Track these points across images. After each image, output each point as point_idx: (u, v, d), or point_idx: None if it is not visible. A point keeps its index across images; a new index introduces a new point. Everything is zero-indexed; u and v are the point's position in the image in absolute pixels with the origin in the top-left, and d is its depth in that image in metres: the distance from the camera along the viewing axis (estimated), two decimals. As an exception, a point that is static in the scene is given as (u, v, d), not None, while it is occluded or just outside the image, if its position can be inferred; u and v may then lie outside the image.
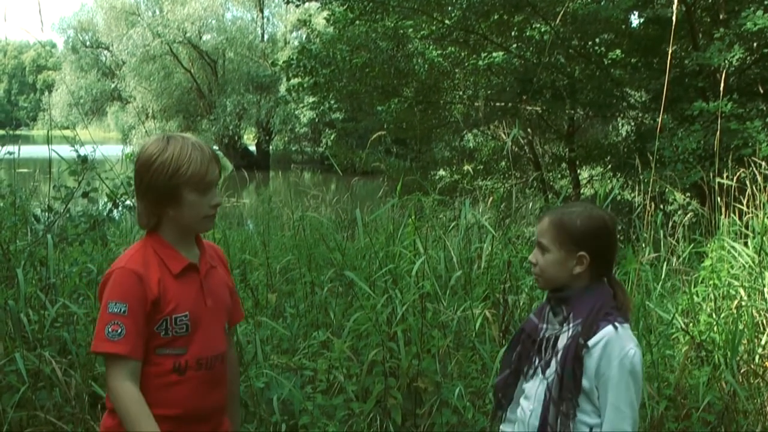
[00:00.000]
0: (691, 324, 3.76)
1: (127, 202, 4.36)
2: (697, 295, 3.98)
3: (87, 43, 39.40)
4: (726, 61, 7.45)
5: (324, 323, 3.82)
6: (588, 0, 9.08)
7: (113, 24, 36.56)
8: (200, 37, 35.39)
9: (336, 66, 10.60)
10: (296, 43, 31.98)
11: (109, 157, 4.84)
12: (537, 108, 10.54)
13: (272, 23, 39.71)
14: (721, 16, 8.67)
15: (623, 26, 9.90)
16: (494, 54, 9.75)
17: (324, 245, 4.42)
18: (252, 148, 38.07)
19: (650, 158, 5.83)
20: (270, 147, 38.37)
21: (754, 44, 7.82)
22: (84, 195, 4.33)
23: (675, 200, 7.99)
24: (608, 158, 10.83)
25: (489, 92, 10.66)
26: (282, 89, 27.13)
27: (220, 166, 1.97)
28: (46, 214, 4.31)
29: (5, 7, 5.23)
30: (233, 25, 36.78)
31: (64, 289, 3.50)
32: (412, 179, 6.70)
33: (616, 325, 1.87)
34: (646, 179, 5.75)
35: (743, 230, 4.35)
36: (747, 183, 4.51)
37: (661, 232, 4.69)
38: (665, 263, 4.48)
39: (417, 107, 10.79)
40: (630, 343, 1.87)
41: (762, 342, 3.61)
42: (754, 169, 4.50)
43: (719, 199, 4.66)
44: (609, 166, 10.84)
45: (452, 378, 3.25)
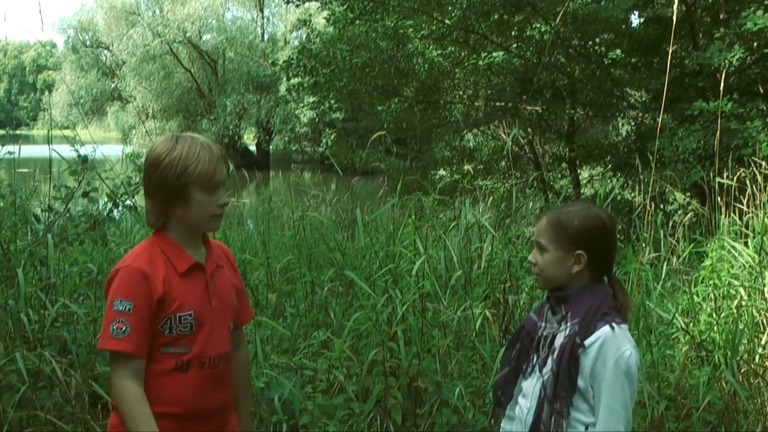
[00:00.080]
0: (692, 324, 3.77)
1: (128, 202, 4.36)
2: (697, 295, 3.98)
3: (87, 43, 39.45)
4: (726, 61, 7.45)
5: (324, 323, 3.81)
6: (588, 0, 9.08)
7: (113, 24, 36.60)
8: (200, 37, 35.43)
9: (336, 66, 10.60)
10: (296, 43, 32.03)
11: (109, 157, 4.85)
12: (537, 108, 10.54)
13: (272, 23, 39.80)
14: (722, 16, 8.67)
15: (623, 26, 9.90)
16: (494, 54, 9.76)
17: (324, 245, 4.42)
18: (252, 148, 38.09)
19: (650, 158, 5.82)
20: (270, 147, 38.39)
21: (755, 44, 7.81)
22: (84, 195, 4.33)
23: (675, 200, 7.98)
24: (608, 158, 10.82)
25: (489, 92, 10.66)
26: (282, 89, 27.17)
27: (228, 166, 1.98)
28: (47, 214, 4.30)
29: (5, 7, 5.23)
30: (233, 25, 36.81)
31: (65, 289, 3.51)
32: (412, 179, 6.68)
33: (613, 326, 1.87)
34: (646, 179, 5.74)
35: (743, 230, 4.35)
36: (747, 183, 4.52)
37: (661, 232, 4.69)
38: (665, 263, 4.48)
39: (417, 107, 10.79)
40: (626, 344, 1.87)
41: (762, 342, 3.61)
42: (754, 169, 4.50)
43: (719, 199, 4.66)
44: (609, 166, 10.84)
45: (452, 378, 3.25)
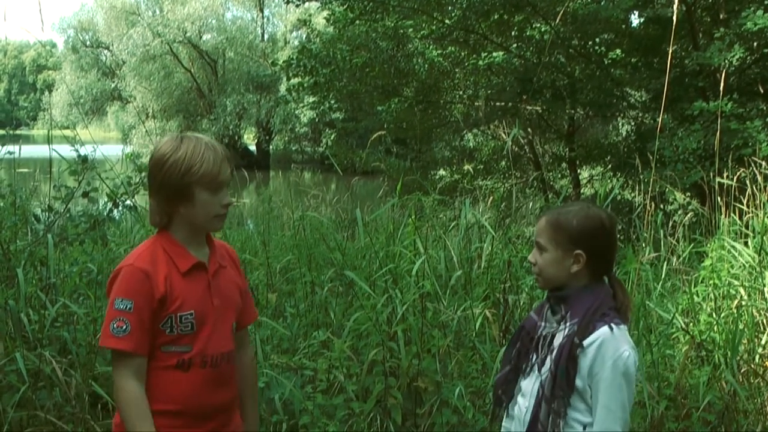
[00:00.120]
0: (692, 324, 3.76)
1: (128, 202, 4.36)
2: (697, 295, 3.98)
3: (87, 43, 39.45)
4: (726, 61, 7.45)
5: (324, 323, 3.81)
6: (588, 0, 9.08)
7: (113, 24, 36.60)
8: (200, 37, 35.43)
9: (336, 66, 10.60)
10: (296, 43, 32.03)
11: (109, 157, 4.85)
12: (537, 108, 10.54)
13: (272, 23, 39.80)
14: (722, 16, 8.67)
15: (623, 26, 9.90)
16: (494, 54, 9.76)
17: (324, 245, 4.42)
18: (252, 148, 38.09)
19: (650, 158, 5.82)
20: (270, 147, 38.39)
21: (754, 44, 7.81)
22: (84, 195, 4.32)
23: (675, 200, 7.98)
24: (608, 158, 10.83)
25: (489, 92, 10.66)
26: (282, 89, 27.17)
27: (233, 167, 1.98)
28: (47, 214, 4.30)
29: (5, 7, 5.23)
30: (233, 25, 36.82)
31: (65, 289, 3.51)
32: (412, 179, 6.68)
33: (612, 326, 1.87)
34: (646, 179, 5.74)
35: (743, 230, 4.35)
36: (747, 183, 4.51)
37: (661, 232, 4.69)
38: (665, 263, 4.48)
39: (417, 107, 10.79)
40: (625, 345, 1.87)
41: (762, 342, 3.61)
42: (754, 169, 4.50)
43: (719, 199, 4.66)
44: (609, 166, 10.84)
45: (452, 378, 3.25)
